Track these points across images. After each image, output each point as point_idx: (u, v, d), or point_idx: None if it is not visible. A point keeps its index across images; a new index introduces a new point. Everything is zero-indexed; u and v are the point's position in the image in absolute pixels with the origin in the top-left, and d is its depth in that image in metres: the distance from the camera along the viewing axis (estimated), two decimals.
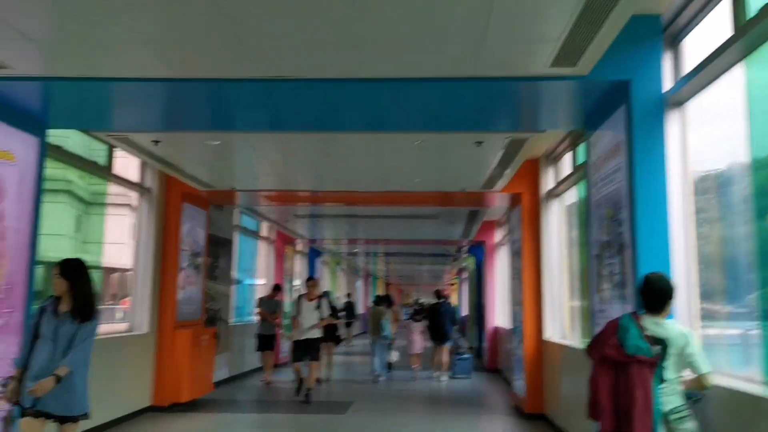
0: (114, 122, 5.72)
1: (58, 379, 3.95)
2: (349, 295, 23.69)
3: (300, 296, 9.64)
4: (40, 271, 8.41)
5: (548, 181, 8.63)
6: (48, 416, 3.99)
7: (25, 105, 5.06)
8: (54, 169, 7.55)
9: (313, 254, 19.61)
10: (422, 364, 12.93)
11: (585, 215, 7.49)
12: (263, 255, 15.15)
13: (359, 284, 32.73)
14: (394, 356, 12.84)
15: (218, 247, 11.03)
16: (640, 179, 4.24)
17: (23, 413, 4.00)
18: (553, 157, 8.56)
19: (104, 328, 8.16)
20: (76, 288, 4.09)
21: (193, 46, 3.97)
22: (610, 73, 4.37)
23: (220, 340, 10.91)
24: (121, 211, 8.85)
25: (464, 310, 28.74)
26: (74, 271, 4.14)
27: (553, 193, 8.51)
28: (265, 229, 14.94)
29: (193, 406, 8.72)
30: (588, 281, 5.32)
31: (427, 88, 4.53)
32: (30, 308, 5.32)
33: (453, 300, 32.07)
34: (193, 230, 9.37)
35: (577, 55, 4.04)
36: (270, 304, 11.62)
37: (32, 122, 5.35)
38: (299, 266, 19.21)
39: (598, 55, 4.10)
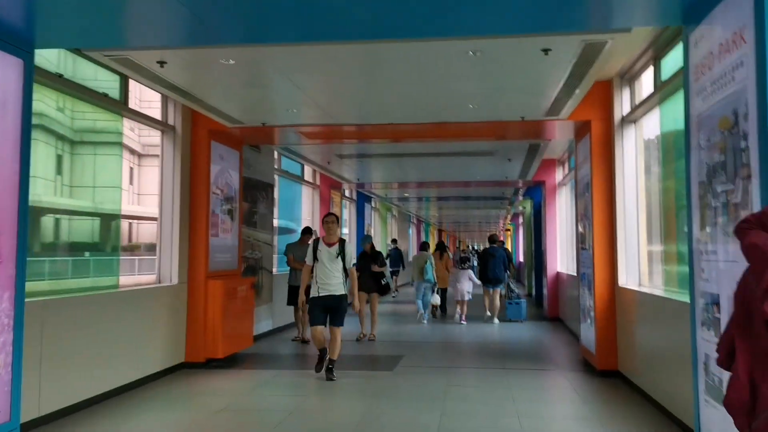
0: (112, 35, 4.82)
1: None
2: (394, 241, 21.90)
3: (316, 240, 7.43)
4: (85, 223, 7.89)
5: (623, 105, 7.43)
6: None
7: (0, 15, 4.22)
8: (107, 121, 6.91)
9: (362, 200, 18.80)
10: (468, 311, 12.93)
11: (672, 141, 6.35)
12: (307, 201, 14.41)
13: (411, 231, 31.95)
14: (436, 299, 13.13)
15: (256, 192, 10.28)
16: None
17: None
18: (629, 77, 7.33)
19: (129, 280, 7.57)
20: None
21: None
22: None
23: (261, 291, 10.28)
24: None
25: (520, 257, 27.74)
26: None
27: (629, 119, 7.32)
28: (308, 173, 14.14)
29: (230, 362, 8.11)
30: (688, 215, 4.24)
31: None
32: (23, 260, 4.62)
33: (507, 246, 31.05)
34: (224, 172, 8.59)
35: None
36: (301, 249, 9.68)
37: (12, 38, 4.51)
38: (348, 213, 18.46)
39: None
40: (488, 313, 12.84)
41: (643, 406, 6.03)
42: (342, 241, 7.34)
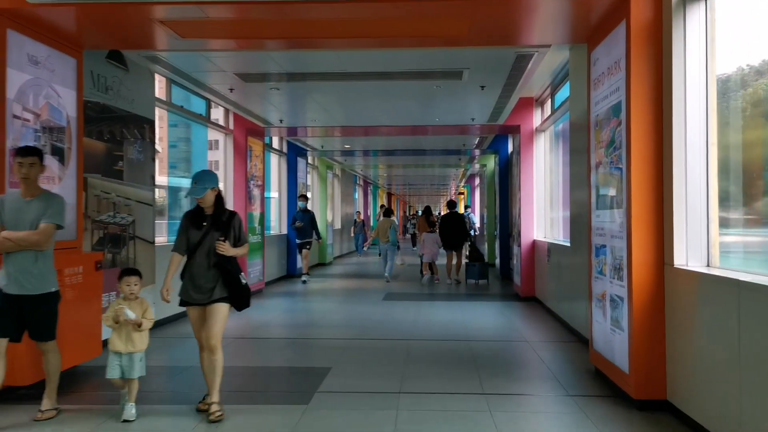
0: None
1: None
2: (303, 197, 14.13)
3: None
4: None
5: None
6: None
7: None
8: None
9: (294, 153, 15.64)
10: (434, 272, 13.90)
11: None
12: (216, 151, 11.21)
13: (357, 195, 28.90)
14: (398, 260, 14.28)
15: (123, 128, 7.11)
16: None
17: None
18: None
19: None
20: None
21: None
22: None
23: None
24: None
25: (476, 222, 25.23)
26: None
27: None
28: (218, 113, 10.91)
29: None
30: None
31: None
32: None
33: (460, 210, 28.60)
34: (41, 87, 5.38)
35: None
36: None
37: None
38: (276, 170, 15.31)
39: None
40: (450, 278, 13.48)
41: None
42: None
